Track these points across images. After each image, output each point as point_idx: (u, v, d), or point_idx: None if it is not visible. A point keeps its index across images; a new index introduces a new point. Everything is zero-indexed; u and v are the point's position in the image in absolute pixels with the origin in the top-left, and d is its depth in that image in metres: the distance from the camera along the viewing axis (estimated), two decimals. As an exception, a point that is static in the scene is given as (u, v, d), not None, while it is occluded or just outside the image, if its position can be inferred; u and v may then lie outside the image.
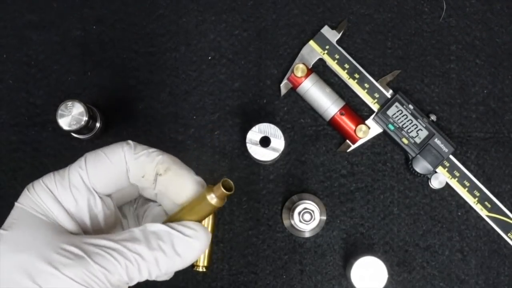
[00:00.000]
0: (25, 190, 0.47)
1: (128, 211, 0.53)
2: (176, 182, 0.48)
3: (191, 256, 0.45)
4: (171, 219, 0.49)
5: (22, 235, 0.43)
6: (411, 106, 0.72)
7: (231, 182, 0.47)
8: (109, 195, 0.49)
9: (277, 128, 0.69)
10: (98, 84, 0.74)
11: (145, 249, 0.43)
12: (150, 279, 0.44)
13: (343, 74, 0.73)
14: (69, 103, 0.66)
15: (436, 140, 0.72)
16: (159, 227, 0.45)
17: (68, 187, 0.46)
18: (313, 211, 0.69)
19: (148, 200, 0.53)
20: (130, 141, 0.48)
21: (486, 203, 0.73)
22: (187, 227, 0.46)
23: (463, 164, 0.73)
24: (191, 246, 0.45)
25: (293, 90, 0.73)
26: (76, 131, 0.68)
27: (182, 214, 0.48)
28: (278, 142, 0.69)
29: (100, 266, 0.42)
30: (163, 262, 0.44)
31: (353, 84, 0.73)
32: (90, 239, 0.44)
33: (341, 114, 0.72)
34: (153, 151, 0.48)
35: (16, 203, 0.46)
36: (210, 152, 0.73)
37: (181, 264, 0.45)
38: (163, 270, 0.44)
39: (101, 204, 0.47)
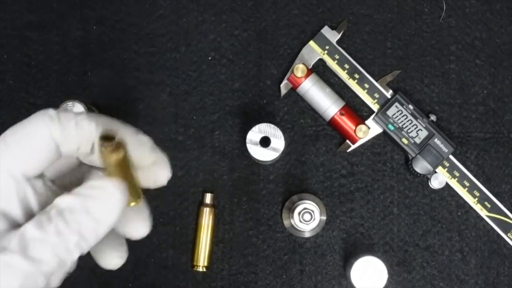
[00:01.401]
0: None
1: (72, 181, 0.48)
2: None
3: (111, 215, 0.42)
4: None
5: None
6: (411, 106, 0.72)
7: (109, 133, 0.42)
8: (39, 176, 0.44)
9: (277, 128, 0.69)
10: (98, 85, 0.74)
11: (64, 228, 0.40)
12: (84, 253, 0.41)
13: (343, 74, 0.73)
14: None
15: (436, 140, 0.72)
16: (69, 200, 0.41)
17: None
18: (313, 211, 0.69)
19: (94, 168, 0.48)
20: (51, 110, 0.43)
21: (486, 203, 0.73)
22: (96, 188, 0.41)
23: (463, 164, 0.73)
24: (107, 206, 0.41)
25: (293, 90, 0.73)
26: (76, 131, 0.68)
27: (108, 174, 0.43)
28: (278, 142, 0.69)
29: (25, 259, 0.39)
30: (88, 234, 0.41)
31: (353, 84, 0.73)
32: (8, 235, 0.40)
33: (341, 114, 0.72)
34: (81, 119, 0.42)
35: None
36: (210, 152, 0.74)
37: (106, 227, 0.41)
38: (92, 240, 0.41)
39: (31, 190, 0.43)
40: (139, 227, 0.47)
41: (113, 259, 0.47)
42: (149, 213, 0.47)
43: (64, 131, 0.42)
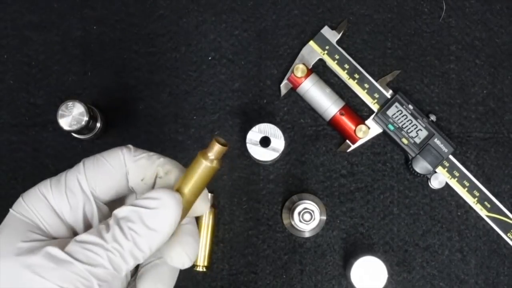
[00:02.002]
0: (20, 197, 0.46)
1: None
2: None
3: (166, 226, 0.43)
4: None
5: (6, 241, 0.43)
6: (411, 106, 0.72)
7: (222, 139, 0.45)
8: (106, 203, 0.48)
9: (277, 128, 0.69)
10: (98, 84, 0.74)
11: (120, 235, 0.42)
12: (139, 262, 0.43)
13: (343, 74, 0.73)
14: (70, 103, 0.66)
15: (435, 140, 0.72)
16: (125, 210, 0.43)
17: (63, 191, 0.45)
18: (313, 211, 0.70)
19: None
20: (129, 145, 0.48)
21: (486, 203, 0.73)
22: (151, 199, 0.43)
23: (462, 164, 0.73)
24: (161, 216, 0.43)
25: (293, 90, 0.73)
26: (76, 131, 0.68)
27: (180, 187, 0.46)
28: (278, 142, 0.69)
29: (82, 263, 0.41)
30: (141, 243, 0.43)
31: (353, 84, 0.73)
32: (69, 239, 0.43)
33: (341, 114, 0.72)
34: (153, 154, 0.47)
35: (10, 210, 0.46)
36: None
37: (161, 237, 0.43)
38: (146, 250, 0.43)
39: (97, 212, 0.46)
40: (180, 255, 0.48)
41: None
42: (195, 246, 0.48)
43: (136, 159, 0.46)
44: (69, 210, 0.45)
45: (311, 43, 0.73)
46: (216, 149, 0.44)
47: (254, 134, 0.69)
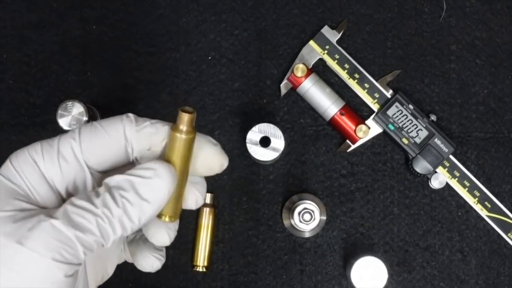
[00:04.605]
0: (7, 159, 0.43)
1: None
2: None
3: (158, 197, 0.42)
4: None
5: None
6: (411, 106, 0.72)
7: (188, 107, 0.43)
8: (102, 173, 0.45)
9: (277, 128, 0.69)
10: (98, 84, 0.74)
11: (111, 201, 0.40)
12: (126, 234, 0.42)
13: (343, 74, 0.73)
14: (69, 103, 0.66)
15: (436, 140, 0.72)
16: (118, 178, 0.42)
17: (56, 157, 0.43)
18: (313, 211, 0.69)
19: None
20: (130, 114, 0.45)
21: (486, 203, 0.73)
22: (145, 169, 0.42)
23: (463, 164, 0.73)
24: (155, 187, 0.41)
25: (293, 90, 0.73)
26: (76, 131, 0.68)
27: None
28: (278, 142, 0.69)
29: (71, 228, 0.39)
30: (132, 212, 0.41)
31: (353, 84, 0.73)
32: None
33: (341, 114, 0.72)
34: (155, 122, 0.44)
35: None
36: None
37: (152, 208, 0.42)
38: (136, 220, 0.41)
39: (91, 182, 0.44)
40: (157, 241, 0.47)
41: (150, 260, 0.47)
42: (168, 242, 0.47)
43: (139, 129, 0.44)
44: (60, 178, 0.43)
45: (311, 42, 0.73)
46: (184, 119, 0.42)
47: (254, 134, 0.69)
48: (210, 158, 0.45)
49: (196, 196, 0.46)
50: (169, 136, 0.44)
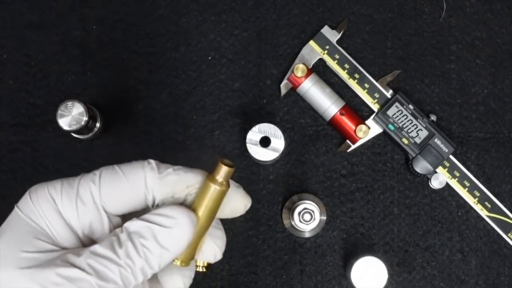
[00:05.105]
0: (27, 194, 0.43)
1: None
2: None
3: (177, 246, 0.42)
4: None
5: (9, 247, 0.41)
6: (411, 106, 0.72)
7: (228, 160, 0.44)
8: (119, 216, 0.46)
9: (277, 128, 0.69)
10: (98, 84, 0.74)
11: (133, 251, 0.41)
12: (147, 279, 0.43)
13: (343, 74, 0.73)
14: (69, 103, 0.66)
15: (436, 140, 0.72)
16: (137, 224, 0.42)
17: (74, 199, 0.43)
18: (313, 211, 0.69)
19: None
20: (151, 160, 0.45)
21: (486, 203, 0.73)
22: (165, 217, 0.42)
23: (463, 164, 0.73)
24: (175, 236, 0.42)
25: (293, 90, 0.73)
26: (76, 131, 0.68)
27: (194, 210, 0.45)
28: (278, 142, 0.69)
29: (94, 277, 0.40)
30: (153, 260, 0.42)
31: (353, 84, 0.73)
32: (81, 250, 0.42)
33: (341, 114, 0.72)
34: (178, 168, 0.45)
35: (15, 206, 0.44)
36: (210, 152, 0.73)
37: (171, 256, 0.43)
38: (156, 268, 0.42)
39: (108, 226, 0.44)
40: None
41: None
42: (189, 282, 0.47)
43: (162, 176, 0.44)
44: (77, 220, 0.43)
45: (311, 42, 0.73)
46: (223, 171, 0.43)
47: (254, 134, 0.69)
48: (235, 202, 0.46)
49: (215, 251, 0.46)
50: (203, 184, 0.44)
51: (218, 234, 0.46)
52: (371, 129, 0.73)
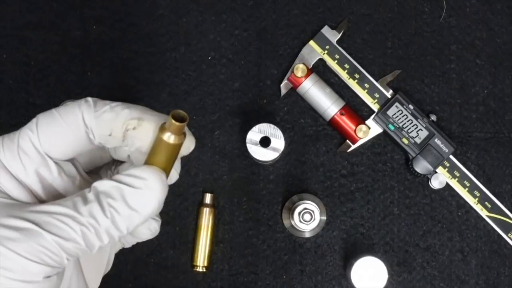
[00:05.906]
0: None
1: (105, 175, 0.48)
2: (152, 134, 0.42)
3: (147, 208, 0.40)
4: None
5: None
6: (411, 106, 0.72)
7: (182, 112, 0.41)
8: (70, 160, 0.44)
9: (277, 128, 0.69)
10: (98, 84, 0.74)
11: (98, 210, 0.39)
12: (113, 242, 0.41)
13: (343, 74, 0.73)
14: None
15: (436, 140, 0.72)
16: (107, 184, 0.40)
17: (16, 152, 0.41)
18: (313, 211, 0.69)
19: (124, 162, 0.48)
20: (89, 98, 0.43)
21: (487, 203, 0.73)
22: (135, 177, 0.40)
23: (463, 164, 0.73)
24: (145, 197, 0.40)
25: (293, 90, 0.73)
26: (76, 131, 0.68)
27: (151, 162, 0.42)
28: (278, 142, 0.69)
29: (53, 235, 0.38)
30: (120, 221, 0.40)
31: (353, 84, 0.73)
32: (39, 207, 0.40)
33: (341, 114, 0.72)
34: (116, 105, 0.43)
35: None
36: (210, 152, 0.73)
37: (140, 218, 0.40)
38: (124, 230, 0.40)
39: (56, 170, 0.42)
40: (150, 226, 0.46)
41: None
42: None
43: (98, 114, 0.42)
44: (24, 173, 0.42)
45: (311, 42, 0.73)
46: (173, 126, 0.41)
47: (254, 134, 0.69)
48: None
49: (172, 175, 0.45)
50: (155, 137, 0.42)
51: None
52: (371, 129, 0.73)
